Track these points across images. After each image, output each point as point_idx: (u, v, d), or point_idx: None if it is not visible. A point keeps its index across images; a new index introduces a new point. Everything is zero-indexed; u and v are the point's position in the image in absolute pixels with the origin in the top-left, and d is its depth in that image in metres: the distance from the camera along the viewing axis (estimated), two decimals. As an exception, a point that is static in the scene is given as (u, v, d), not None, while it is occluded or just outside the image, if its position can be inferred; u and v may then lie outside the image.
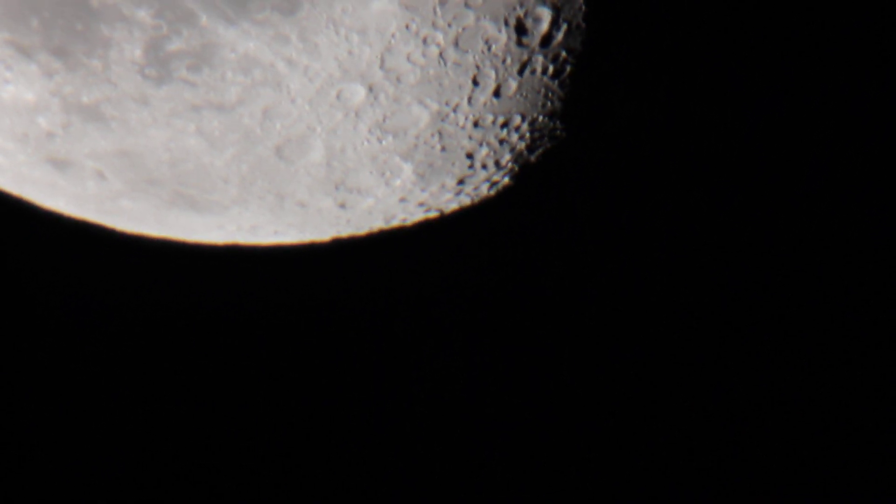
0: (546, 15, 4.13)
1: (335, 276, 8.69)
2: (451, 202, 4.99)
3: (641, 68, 4.58)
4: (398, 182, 4.63)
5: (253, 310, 8.88)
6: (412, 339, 9.27)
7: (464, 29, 4.01)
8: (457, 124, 4.38)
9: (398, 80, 4.10)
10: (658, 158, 7.90)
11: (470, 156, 4.61)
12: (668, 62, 4.60)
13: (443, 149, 4.49)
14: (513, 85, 4.31)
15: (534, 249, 8.75)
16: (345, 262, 8.38)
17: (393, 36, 3.94)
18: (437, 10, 3.93)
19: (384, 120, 4.25)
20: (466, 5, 3.96)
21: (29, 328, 8.67)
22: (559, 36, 4.21)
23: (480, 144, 4.56)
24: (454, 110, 4.30)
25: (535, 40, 4.18)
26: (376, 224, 5.03)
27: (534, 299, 9.13)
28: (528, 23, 4.11)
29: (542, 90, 4.42)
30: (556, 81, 4.40)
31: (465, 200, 5.03)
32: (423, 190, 4.75)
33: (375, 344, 9.23)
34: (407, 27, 3.93)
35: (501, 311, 9.20)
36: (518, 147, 4.70)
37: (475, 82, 4.22)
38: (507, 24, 4.06)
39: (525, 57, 4.22)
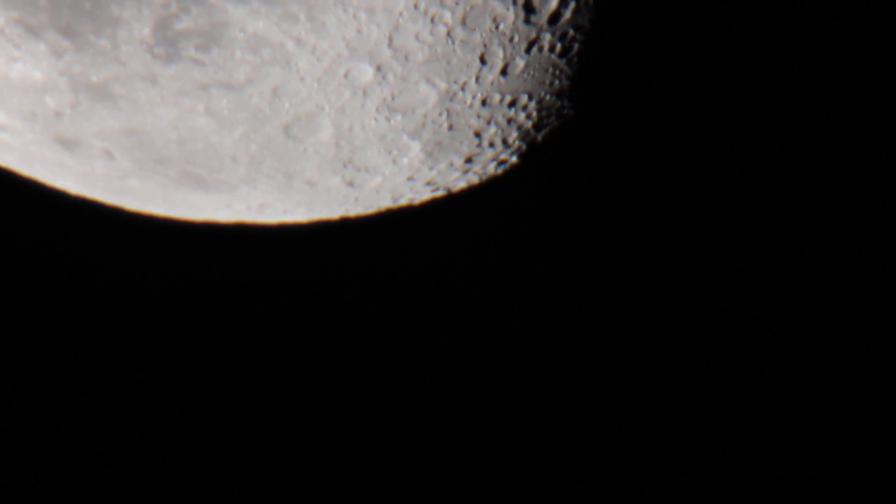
0: (554, -7, 4.13)
1: (343, 254, 8.70)
2: (458, 181, 5.00)
3: (650, 47, 4.58)
4: (406, 160, 4.64)
5: (261, 289, 8.90)
6: (420, 317, 9.28)
7: (471, 7, 4.01)
8: (464, 103, 4.39)
9: (406, 58, 4.10)
10: (666, 138, 7.89)
11: (478, 134, 4.62)
12: (677, 40, 4.60)
13: (450, 127, 4.50)
14: (520, 63, 4.32)
15: (541, 228, 8.75)
16: (353, 241, 8.39)
17: (401, 14, 3.94)
18: (446, -12, 3.94)
19: (392, 98, 4.26)
20: (475, -17, 3.97)
21: (36, 308, 8.69)
22: (567, 14, 4.21)
23: (488, 123, 4.57)
24: (462, 89, 4.31)
25: (543, 18, 4.18)
26: (384, 203, 5.04)
27: (541, 278, 9.13)
28: (536, 1, 4.11)
29: (550, 69, 4.42)
30: (564, 60, 4.40)
31: (473, 179, 5.04)
32: (430, 168, 4.76)
33: (383, 322, 9.24)
34: (415, 6, 3.94)
35: (509, 290, 9.20)
36: (525, 126, 4.71)
37: (483, 61, 4.22)
38: (514, 2, 4.07)
39: (533, 35, 4.22)
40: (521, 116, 4.63)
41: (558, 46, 4.32)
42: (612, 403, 9.60)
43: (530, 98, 4.53)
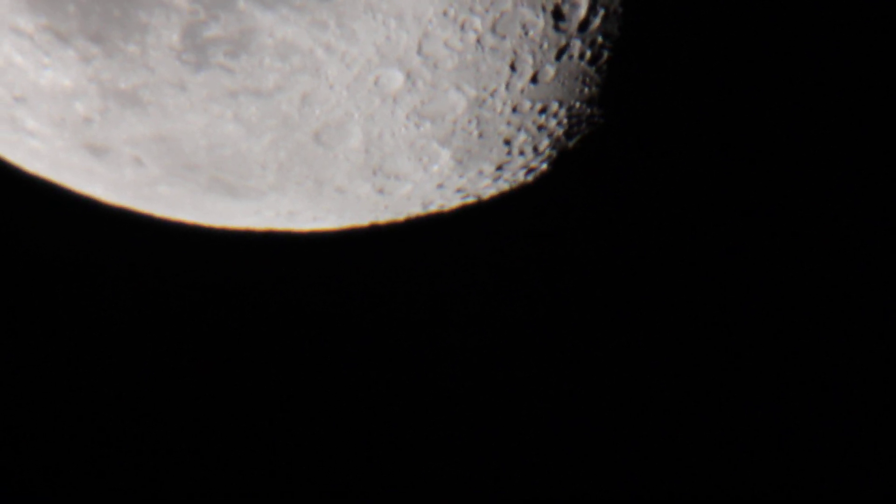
0: (583, 0, 4.12)
1: (373, 262, 8.70)
2: (488, 188, 4.99)
3: (679, 54, 4.56)
4: (436, 168, 4.63)
5: (291, 296, 8.90)
6: (449, 324, 9.27)
7: (501, 14, 4.00)
8: (494, 110, 4.38)
9: (436, 65, 4.10)
10: (697, 145, 7.86)
11: (507, 142, 4.61)
12: (706, 47, 4.58)
13: (480, 135, 4.49)
14: (550, 71, 4.30)
15: (572, 236, 8.74)
16: (383, 249, 8.39)
17: (430, 21, 3.94)
18: (475, -5, 3.94)
19: (422, 106, 4.25)
20: (504, -10, 3.96)
21: (65, 315, 8.71)
22: (596, 21, 4.20)
23: (518, 130, 4.56)
24: (492, 96, 4.30)
25: (572, 25, 4.17)
26: (414, 210, 5.03)
27: (571, 286, 9.11)
28: (566, 8, 4.10)
29: (580, 76, 4.41)
30: (594, 67, 4.39)
31: (503, 186, 5.03)
32: (460, 176, 4.75)
33: (412, 329, 9.24)
34: (444, 13, 3.93)
35: (539, 298, 9.19)
36: (556, 133, 4.70)
37: (513, 68, 4.21)
38: (544, 9, 4.06)
39: (563, 42, 4.21)
40: (552, 124, 4.61)
41: (588, 54, 4.31)
42: (645, 410, 9.57)
43: (560, 105, 4.52)
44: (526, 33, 4.10)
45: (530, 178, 5.03)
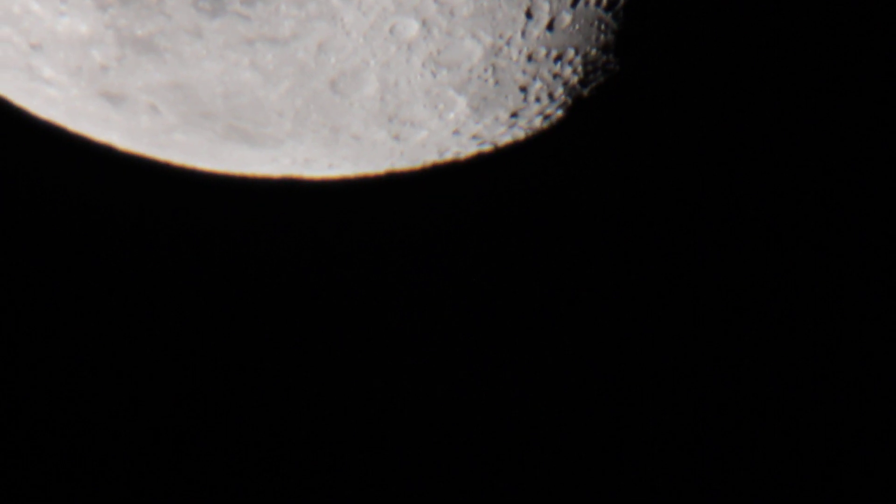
0: (600, -54, 4.12)
1: (389, 209, 8.71)
2: (504, 135, 4.99)
3: (698, 1, 4.55)
4: (451, 115, 4.63)
5: (307, 243, 8.92)
6: (464, 272, 9.28)
7: (518, -40, 4.00)
8: (510, 58, 4.37)
9: (451, 13, 4.09)
10: (713, 93, 7.83)
11: (523, 89, 4.61)
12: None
13: (496, 82, 4.49)
14: (567, 18, 4.30)
15: (587, 183, 8.72)
16: (399, 195, 8.39)
17: (447, -32, 3.94)
18: (492, -59, 3.93)
19: (438, 53, 4.25)
20: (521, -64, 3.96)
21: (83, 262, 8.74)
22: (614, -33, 4.20)
23: (534, 78, 4.56)
24: (507, 44, 4.30)
25: (589, -28, 4.17)
26: (430, 157, 5.04)
27: (587, 233, 9.10)
28: (583, -46, 4.10)
29: (596, 23, 4.40)
30: (610, 14, 4.38)
31: (519, 133, 5.04)
32: (476, 122, 4.75)
33: (427, 277, 9.25)
34: (461, -41, 3.93)
35: (554, 244, 9.18)
36: (571, 81, 4.70)
37: (529, 15, 4.21)
38: (561, -45, 4.06)
39: (579, -11, 4.21)
40: (567, 71, 4.61)
41: (605, 0, 4.30)
42: (659, 375, 9.56)
43: (576, 53, 4.52)
44: (542, -20, 4.10)
45: (546, 125, 5.04)
